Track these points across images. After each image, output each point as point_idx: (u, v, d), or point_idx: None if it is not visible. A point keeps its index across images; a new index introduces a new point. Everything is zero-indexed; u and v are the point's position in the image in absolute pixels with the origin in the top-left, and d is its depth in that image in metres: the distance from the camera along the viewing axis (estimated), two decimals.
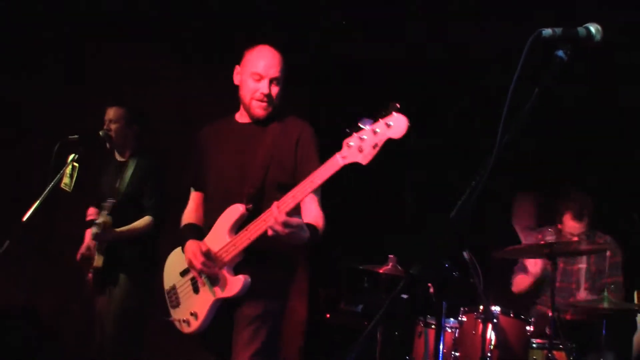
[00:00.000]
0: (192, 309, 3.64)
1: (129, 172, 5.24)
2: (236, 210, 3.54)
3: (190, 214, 3.92)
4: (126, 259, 5.10)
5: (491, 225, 5.97)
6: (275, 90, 3.68)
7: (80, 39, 6.58)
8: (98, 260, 5.06)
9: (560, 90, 4.04)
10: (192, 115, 6.48)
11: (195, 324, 3.61)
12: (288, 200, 3.27)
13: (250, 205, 3.51)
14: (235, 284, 3.49)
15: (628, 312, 5.46)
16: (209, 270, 3.52)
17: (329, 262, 6.88)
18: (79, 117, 5.99)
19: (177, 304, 3.75)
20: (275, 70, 3.68)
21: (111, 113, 5.30)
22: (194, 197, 3.93)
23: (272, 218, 3.25)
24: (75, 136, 4.74)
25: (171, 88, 6.89)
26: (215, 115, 3.94)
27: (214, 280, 3.55)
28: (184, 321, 3.67)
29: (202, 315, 3.58)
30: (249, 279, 3.49)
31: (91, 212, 5.38)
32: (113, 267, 5.08)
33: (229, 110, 3.90)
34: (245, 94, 3.70)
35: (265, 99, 3.67)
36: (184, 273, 3.73)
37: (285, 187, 3.44)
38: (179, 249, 3.81)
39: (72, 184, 4.56)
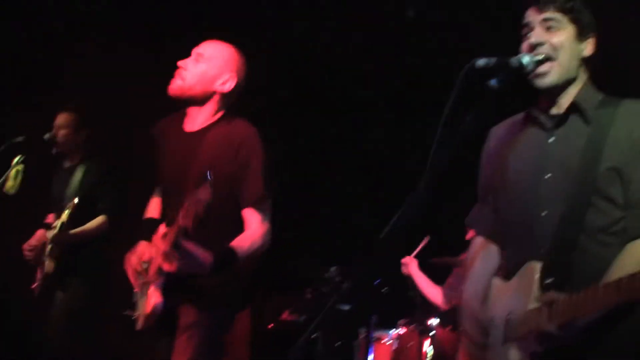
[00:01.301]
0: (139, 310, 3.62)
1: (77, 177, 5.23)
2: (162, 229, 3.44)
3: (152, 206, 3.82)
4: (75, 262, 5.07)
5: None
6: (195, 66, 3.51)
7: (36, 39, 6.51)
8: (49, 266, 5.02)
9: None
10: (153, 115, 6.49)
11: (139, 325, 3.59)
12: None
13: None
14: (150, 303, 3.42)
15: None
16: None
17: (273, 271, 6.94)
18: (32, 119, 5.95)
19: (137, 302, 3.68)
20: (204, 49, 3.55)
21: (60, 119, 5.30)
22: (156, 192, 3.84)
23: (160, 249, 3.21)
24: (21, 138, 4.73)
25: (132, 87, 6.84)
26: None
27: (146, 294, 3.50)
28: (136, 319, 3.65)
29: (142, 320, 3.55)
30: (160, 305, 3.38)
31: (50, 218, 5.38)
32: (62, 272, 5.05)
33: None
34: None
35: (177, 72, 3.53)
36: (141, 275, 3.63)
37: (226, 198, 3.39)
38: None
39: (17, 187, 4.52)
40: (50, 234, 5.04)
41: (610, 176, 2.43)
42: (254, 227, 3.46)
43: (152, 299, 3.42)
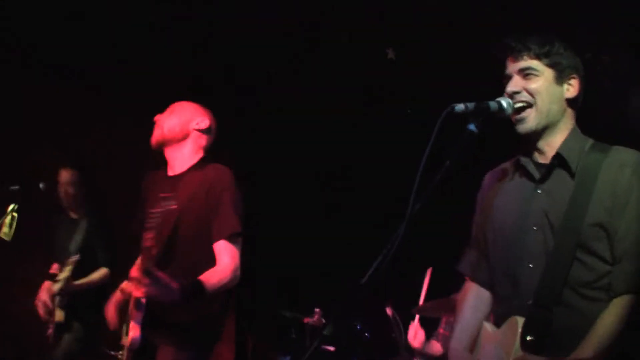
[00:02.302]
0: (122, 350, 3.71)
1: (81, 231, 5.52)
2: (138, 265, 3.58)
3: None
4: (79, 308, 5.35)
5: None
6: (167, 118, 3.82)
7: (20, 84, 6.51)
8: (60, 315, 5.29)
9: None
10: (136, 161, 6.50)
11: None
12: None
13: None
14: (129, 337, 3.53)
15: None
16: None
17: (257, 310, 6.92)
18: (18, 164, 5.99)
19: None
20: (173, 106, 3.88)
21: (64, 176, 5.59)
22: None
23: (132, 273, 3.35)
24: (16, 187, 4.83)
25: (114, 134, 6.87)
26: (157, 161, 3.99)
27: (127, 329, 3.63)
28: (120, 357, 3.74)
29: (124, 358, 3.64)
30: (137, 338, 3.50)
31: (54, 267, 5.57)
32: (70, 318, 5.35)
33: None
34: None
35: (156, 126, 3.84)
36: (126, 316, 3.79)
37: (199, 240, 3.55)
38: None
39: (12, 233, 4.62)
40: (56, 286, 5.30)
41: (595, 232, 2.42)
42: (225, 262, 3.56)
43: (131, 333, 3.52)
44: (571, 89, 2.59)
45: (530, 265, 2.49)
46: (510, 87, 2.55)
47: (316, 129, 7.21)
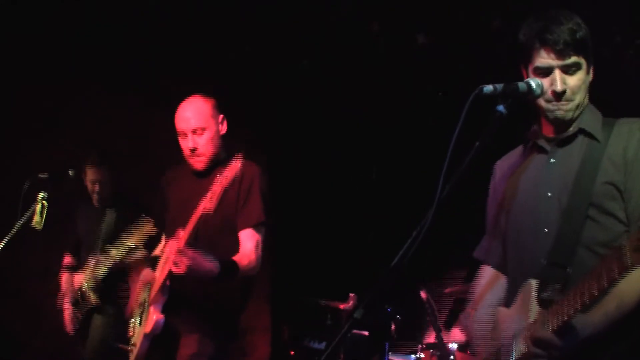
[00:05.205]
0: (135, 340, 3.79)
1: (109, 221, 5.41)
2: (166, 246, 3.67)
3: (158, 249, 4.06)
4: (111, 290, 5.28)
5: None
6: (202, 140, 3.75)
7: (54, 81, 6.58)
8: (95, 299, 5.24)
9: None
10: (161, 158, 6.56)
11: (133, 355, 3.73)
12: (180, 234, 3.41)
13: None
14: (151, 322, 3.58)
15: None
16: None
17: (292, 298, 6.95)
18: (48, 156, 6.05)
19: (133, 334, 3.88)
20: (195, 121, 3.74)
21: (92, 174, 5.45)
22: (162, 240, 4.07)
23: (171, 250, 3.34)
24: (45, 174, 4.82)
25: (139, 130, 6.93)
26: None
27: (146, 316, 3.67)
28: (130, 350, 3.81)
29: (137, 347, 3.69)
30: (162, 320, 3.55)
31: (67, 260, 5.54)
32: (102, 301, 5.29)
33: None
34: (183, 153, 3.84)
35: (194, 154, 3.77)
36: (139, 306, 3.87)
37: (224, 230, 3.61)
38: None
39: (42, 222, 4.63)
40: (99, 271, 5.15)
41: (607, 190, 2.45)
42: (249, 248, 3.62)
43: (153, 316, 3.57)
44: (590, 76, 2.62)
45: (546, 230, 2.52)
46: (560, 87, 2.52)
47: (349, 114, 7.22)
